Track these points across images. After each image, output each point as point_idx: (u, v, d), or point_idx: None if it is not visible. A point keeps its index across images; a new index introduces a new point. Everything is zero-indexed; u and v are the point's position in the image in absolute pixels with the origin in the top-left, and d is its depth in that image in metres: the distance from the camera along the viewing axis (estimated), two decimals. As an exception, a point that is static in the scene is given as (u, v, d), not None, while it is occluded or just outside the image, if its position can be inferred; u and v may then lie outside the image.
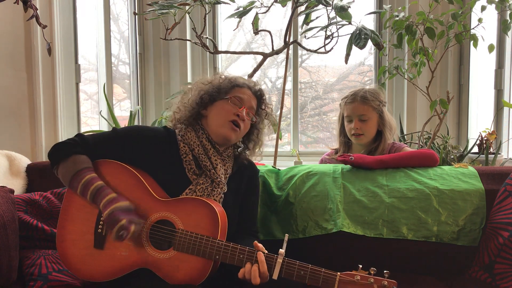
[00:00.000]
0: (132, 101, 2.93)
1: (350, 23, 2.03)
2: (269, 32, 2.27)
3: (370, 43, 1.97)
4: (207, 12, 2.26)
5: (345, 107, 1.98)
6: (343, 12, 1.96)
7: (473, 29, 2.09)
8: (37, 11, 1.60)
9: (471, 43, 2.12)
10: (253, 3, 2.18)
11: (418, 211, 1.61)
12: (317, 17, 2.17)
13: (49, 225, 1.65)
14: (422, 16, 2.06)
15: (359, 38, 1.95)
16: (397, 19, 2.12)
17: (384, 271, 1.14)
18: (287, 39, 2.21)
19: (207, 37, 2.34)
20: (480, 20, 2.04)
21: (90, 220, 1.34)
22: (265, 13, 2.27)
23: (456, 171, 1.72)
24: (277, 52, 2.25)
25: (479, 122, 2.67)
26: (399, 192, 1.65)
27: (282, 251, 1.21)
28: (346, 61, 2.04)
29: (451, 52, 2.63)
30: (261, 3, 2.21)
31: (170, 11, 2.03)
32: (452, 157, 2.25)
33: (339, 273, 1.16)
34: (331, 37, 2.12)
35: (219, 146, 1.46)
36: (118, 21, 3.01)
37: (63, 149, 1.36)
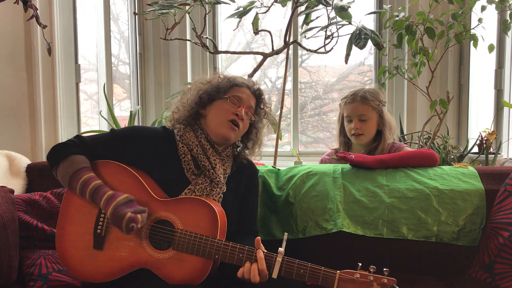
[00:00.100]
0: (132, 101, 2.93)
1: (350, 23, 2.03)
2: (269, 32, 2.27)
3: (370, 43, 1.97)
4: (207, 12, 2.26)
5: (345, 107, 1.98)
6: (343, 12, 1.96)
7: (473, 29, 2.09)
8: (37, 11, 1.60)
9: (471, 43, 2.12)
10: (253, 3, 2.18)
11: (418, 211, 1.61)
12: (317, 17, 2.17)
13: (49, 225, 1.65)
14: (422, 16, 2.06)
15: (359, 38, 1.95)
16: (397, 19, 2.12)
17: (383, 268, 1.14)
18: (287, 39, 2.21)
19: (207, 37, 2.34)
20: (480, 20, 2.04)
21: (89, 220, 1.34)
22: (265, 13, 2.27)
23: (456, 171, 1.72)
24: (277, 52, 2.25)
25: (479, 122, 2.67)
26: (399, 192, 1.65)
27: (281, 249, 1.21)
28: (346, 61, 2.04)
29: (451, 52, 2.63)
30: (261, 3, 2.21)
31: (170, 11, 2.03)
32: (452, 157, 2.25)
33: (338, 271, 1.17)
34: (331, 37, 2.12)
35: (218, 146, 1.46)
36: (118, 21, 3.01)
37: (62, 150, 1.36)
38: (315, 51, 2.21)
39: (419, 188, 1.65)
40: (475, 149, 2.38)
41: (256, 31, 2.27)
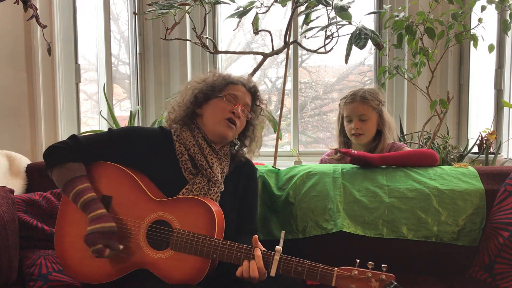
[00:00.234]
0: (132, 101, 2.93)
1: (350, 23, 2.03)
2: (269, 32, 2.27)
3: (370, 43, 1.97)
4: (207, 12, 2.26)
5: (344, 107, 1.98)
6: (343, 12, 1.96)
7: (473, 29, 2.09)
8: (37, 11, 1.60)
9: (471, 43, 2.12)
10: (253, 3, 2.18)
11: (418, 211, 1.61)
12: (317, 17, 2.17)
13: (49, 225, 1.65)
14: (422, 16, 2.06)
15: (359, 38, 1.95)
16: (397, 19, 2.12)
17: (382, 265, 1.14)
18: (287, 39, 2.21)
19: (207, 37, 2.33)
20: (480, 20, 2.04)
21: (87, 222, 1.33)
22: (265, 13, 2.27)
23: (456, 171, 1.72)
24: (277, 52, 2.24)
25: (479, 122, 2.67)
26: (399, 192, 1.65)
27: (279, 247, 1.21)
28: (346, 61, 2.04)
29: (451, 52, 2.63)
30: (261, 3, 2.21)
31: (170, 11, 2.03)
32: (452, 157, 2.25)
33: (336, 268, 1.17)
34: (331, 37, 2.11)
35: (215, 144, 1.46)
36: (118, 21, 3.01)
37: (57, 154, 1.35)
38: (315, 51, 2.21)
39: (419, 188, 1.65)
40: (475, 149, 2.38)
41: (256, 31, 2.27)
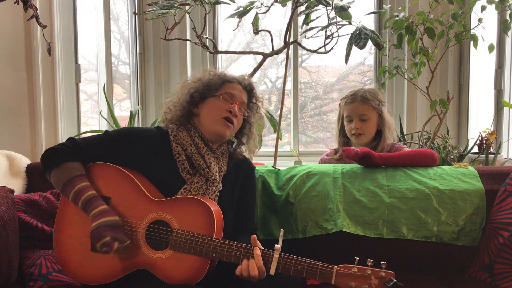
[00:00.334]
0: (132, 101, 2.93)
1: (350, 23, 2.03)
2: (269, 32, 2.27)
3: (370, 43, 1.97)
4: (207, 12, 2.26)
5: (345, 107, 1.98)
6: (343, 12, 1.96)
7: (473, 29, 2.09)
8: (37, 11, 1.60)
9: (471, 43, 2.11)
10: (253, 3, 2.18)
11: (418, 211, 1.61)
12: (317, 17, 2.17)
13: (49, 225, 1.65)
14: (422, 16, 2.06)
15: (359, 38, 1.95)
16: (397, 19, 2.12)
17: (381, 262, 1.15)
18: (287, 39, 2.21)
19: (207, 37, 2.33)
20: (480, 20, 2.04)
21: (86, 223, 1.33)
22: (265, 13, 2.26)
23: (456, 171, 1.72)
24: (277, 52, 2.24)
25: (479, 122, 2.67)
26: (399, 192, 1.65)
27: (278, 246, 1.21)
28: (346, 61, 2.04)
29: (451, 52, 2.63)
30: (261, 3, 2.21)
31: (170, 11, 2.03)
32: (452, 157, 2.25)
33: (336, 266, 1.17)
34: (331, 37, 2.11)
35: (212, 143, 1.46)
36: (118, 21, 3.01)
37: (55, 155, 1.35)
38: (315, 51, 2.21)
39: (419, 188, 1.65)
40: (475, 149, 2.38)
41: (256, 31, 2.27)
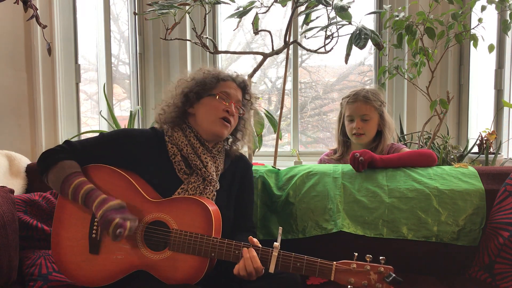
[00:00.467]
0: (132, 101, 2.93)
1: (350, 23, 2.02)
2: (269, 32, 2.26)
3: (370, 43, 1.97)
4: (207, 12, 2.26)
5: (346, 106, 1.98)
6: (343, 12, 1.96)
7: (473, 29, 2.09)
8: (37, 11, 1.60)
9: (471, 43, 2.11)
10: (253, 3, 2.18)
11: (418, 211, 1.61)
12: (317, 17, 2.16)
13: (48, 225, 1.65)
14: (422, 16, 2.06)
15: (359, 38, 1.95)
16: (397, 19, 2.12)
17: (380, 257, 1.15)
18: (287, 39, 2.21)
19: (207, 37, 2.33)
20: (480, 20, 2.04)
21: (83, 225, 1.34)
22: (265, 13, 2.26)
23: (456, 171, 1.72)
24: (277, 52, 2.24)
25: (479, 122, 2.67)
26: (399, 192, 1.65)
27: (277, 244, 1.22)
28: (346, 61, 2.04)
29: (451, 52, 2.63)
30: (261, 3, 2.20)
31: (170, 11, 2.03)
32: (452, 157, 2.25)
33: (335, 262, 1.17)
34: (331, 37, 2.11)
35: (208, 142, 1.45)
36: (118, 21, 3.01)
37: (51, 156, 1.35)
38: (315, 51, 2.20)
39: (419, 188, 1.65)
40: (475, 149, 2.38)
41: (256, 31, 2.27)
